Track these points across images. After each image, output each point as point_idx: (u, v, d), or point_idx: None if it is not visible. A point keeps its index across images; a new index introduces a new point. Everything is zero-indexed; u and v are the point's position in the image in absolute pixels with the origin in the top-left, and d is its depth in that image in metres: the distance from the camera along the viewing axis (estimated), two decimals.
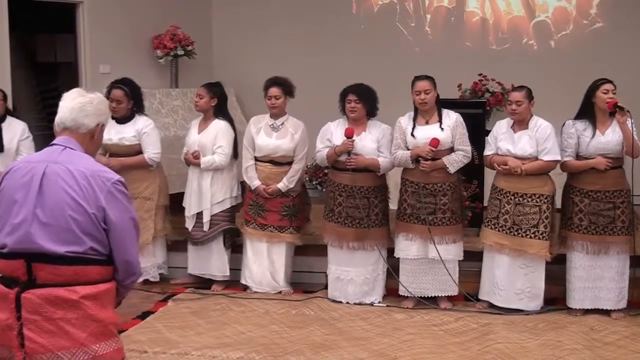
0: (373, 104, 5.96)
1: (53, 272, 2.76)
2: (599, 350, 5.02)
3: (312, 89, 7.51)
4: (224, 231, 6.37)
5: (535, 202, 5.67)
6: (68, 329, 2.75)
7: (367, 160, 5.88)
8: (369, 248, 5.97)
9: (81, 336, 2.76)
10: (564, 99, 8.07)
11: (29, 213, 2.79)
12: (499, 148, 5.76)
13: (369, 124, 5.97)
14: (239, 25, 9.48)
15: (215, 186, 6.31)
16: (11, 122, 6.41)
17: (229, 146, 6.25)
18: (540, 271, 5.75)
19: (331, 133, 5.98)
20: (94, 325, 2.80)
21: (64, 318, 2.75)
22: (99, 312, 2.81)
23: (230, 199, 6.37)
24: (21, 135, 6.37)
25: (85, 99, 2.97)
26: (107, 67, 7.90)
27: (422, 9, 9.25)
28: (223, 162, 6.24)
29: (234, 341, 5.21)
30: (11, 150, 6.28)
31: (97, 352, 2.80)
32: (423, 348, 5.08)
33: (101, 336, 2.82)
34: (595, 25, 8.84)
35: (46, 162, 2.86)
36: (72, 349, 2.75)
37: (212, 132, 6.28)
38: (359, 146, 5.85)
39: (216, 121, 6.31)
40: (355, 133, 5.86)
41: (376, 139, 5.91)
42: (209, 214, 6.31)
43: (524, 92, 5.67)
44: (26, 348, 2.74)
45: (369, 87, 5.96)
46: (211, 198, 6.30)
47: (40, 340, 2.74)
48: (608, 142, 5.53)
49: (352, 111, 5.88)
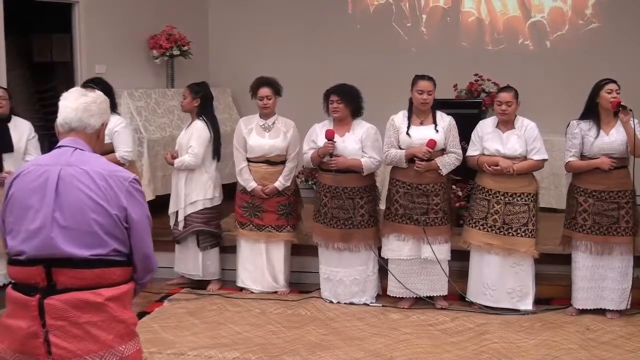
0: (357, 104, 5.94)
1: (75, 276, 2.73)
2: (595, 350, 5.03)
3: (308, 88, 7.49)
4: (196, 232, 6.36)
5: (524, 201, 5.69)
6: (94, 332, 2.73)
7: (348, 162, 5.86)
8: (354, 249, 5.97)
9: (108, 338, 2.75)
10: (560, 98, 8.13)
11: (48, 218, 2.74)
12: (486, 148, 5.77)
13: (354, 124, 5.96)
14: (235, 25, 9.48)
15: (188, 187, 6.30)
16: (17, 121, 6.41)
17: (199, 147, 6.21)
18: (530, 270, 5.78)
19: (316, 134, 5.98)
20: (119, 327, 2.79)
21: (90, 321, 2.73)
22: (123, 313, 2.81)
23: (204, 200, 6.33)
24: (29, 135, 6.38)
25: (89, 98, 2.94)
26: (103, 67, 7.90)
27: (418, 9, 9.26)
28: (192, 162, 6.21)
29: (230, 341, 5.21)
30: (20, 150, 6.28)
31: (124, 353, 2.80)
32: (419, 348, 5.09)
33: (126, 337, 2.82)
34: (591, 26, 8.86)
35: (59, 164, 2.81)
36: (100, 352, 2.74)
37: (189, 133, 6.29)
38: (341, 147, 5.85)
39: (196, 121, 6.31)
40: (339, 133, 5.86)
41: (359, 139, 5.89)
42: (183, 214, 6.33)
43: (513, 93, 5.70)
44: (54, 355, 2.71)
45: (352, 87, 5.95)
46: (185, 198, 6.31)
47: (68, 345, 2.71)
48: (612, 142, 5.53)
49: (335, 111, 5.88)
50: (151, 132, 7.69)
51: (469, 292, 5.95)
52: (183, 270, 6.53)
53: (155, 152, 7.61)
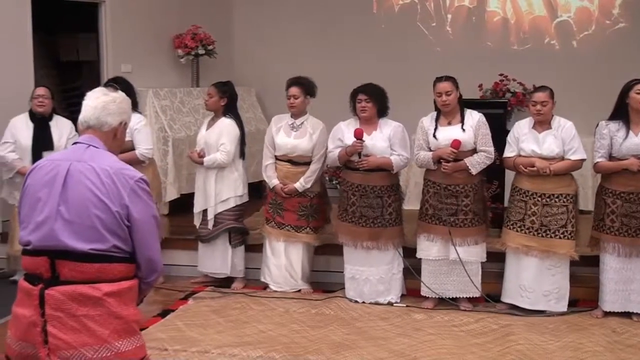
0: (383, 103, 5.94)
1: (76, 269, 2.78)
2: (621, 353, 4.98)
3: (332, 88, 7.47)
4: (229, 230, 6.38)
5: (562, 202, 5.63)
6: (91, 325, 2.76)
7: (378, 160, 5.86)
8: (383, 247, 5.96)
9: (104, 333, 2.77)
10: (586, 99, 8.07)
11: (53, 210, 2.81)
12: (522, 149, 5.71)
13: (380, 123, 5.95)
14: (259, 24, 9.50)
15: (219, 185, 6.32)
16: (58, 120, 6.58)
17: (231, 144, 6.24)
18: (566, 272, 5.72)
19: (342, 133, 5.96)
20: (117, 323, 2.81)
21: (88, 315, 2.76)
22: (122, 309, 2.83)
23: (235, 198, 6.35)
24: (69, 133, 6.53)
25: (109, 97, 3.00)
26: (129, 66, 7.96)
27: (443, 9, 9.23)
28: (224, 160, 6.24)
29: (254, 340, 5.22)
30: (60, 148, 6.39)
31: (120, 349, 2.81)
32: (443, 349, 5.07)
33: (124, 333, 2.83)
34: (618, 26, 8.78)
35: (70, 160, 2.88)
36: (95, 346, 2.76)
37: (217, 131, 6.30)
38: (370, 145, 5.84)
39: (222, 119, 6.33)
40: (367, 132, 5.85)
41: (387, 137, 5.89)
42: (213, 212, 6.34)
43: (548, 92, 5.63)
44: (50, 344, 2.76)
45: (378, 86, 5.95)
46: (215, 197, 6.32)
47: (64, 336, 2.75)
48: None
49: (363, 111, 5.88)
50: (176, 131, 7.73)
51: (504, 293, 5.90)
52: (209, 270, 6.52)
53: (180, 150, 7.65)
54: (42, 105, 6.46)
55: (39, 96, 6.47)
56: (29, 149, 6.40)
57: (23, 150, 6.42)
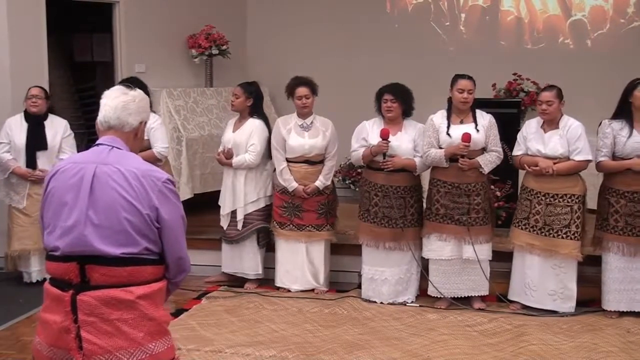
0: (409, 104, 5.95)
1: (107, 273, 2.76)
2: (636, 354, 4.96)
3: (346, 88, 7.52)
4: (257, 230, 6.39)
5: (566, 202, 5.61)
6: (125, 329, 2.75)
7: (403, 161, 5.86)
8: (405, 248, 5.96)
9: (138, 336, 2.77)
10: (600, 98, 7.98)
11: (82, 215, 2.78)
12: (529, 148, 5.72)
13: (405, 124, 5.96)
14: (273, 24, 9.50)
15: (249, 185, 6.34)
16: (53, 119, 6.59)
17: (261, 145, 6.27)
18: (572, 272, 5.70)
19: (367, 132, 5.96)
20: (150, 325, 2.80)
21: (121, 318, 2.75)
22: (154, 311, 2.82)
23: (265, 198, 6.40)
24: (64, 133, 6.55)
25: (128, 97, 2.96)
26: (143, 67, 7.98)
27: (457, 8, 9.20)
28: (254, 160, 6.27)
29: (267, 339, 5.23)
30: (54, 148, 6.46)
31: (154, 351, 2.81)
32: (456, 349, 5.06)
33: (156, 335, 2.83)
34: (633, 24, 8.72)
35: (95, 163, 2.84)
36: (130, 349, 2.76)
37: (246, 131, 6.31)
38: (395, 146, 5.83)
39: (251, 120, 6.34)
40: (392, 133, 5.84)
41: (412, 138, 5.89)
42: (243, 213, 6.35)
43: (555, 92, 5.62)
44: (85, 350, 2.74)
45: (404, 86, 5.95)
46: (245, 197, 6.33)
47: (98, 341, 2.73)
48: None
49: (389, 111, 5.87)
50: (190, 131, 7.75)
51: (511, 291, 5.90)
52: (236, 270, 6.51)
53: (193, 150, 7.66)
54: (35, 105, 6.46)
55: (33, 96, 6.47)
56: (23, 149, 6.42)
57: (17, 151, 6.44)
